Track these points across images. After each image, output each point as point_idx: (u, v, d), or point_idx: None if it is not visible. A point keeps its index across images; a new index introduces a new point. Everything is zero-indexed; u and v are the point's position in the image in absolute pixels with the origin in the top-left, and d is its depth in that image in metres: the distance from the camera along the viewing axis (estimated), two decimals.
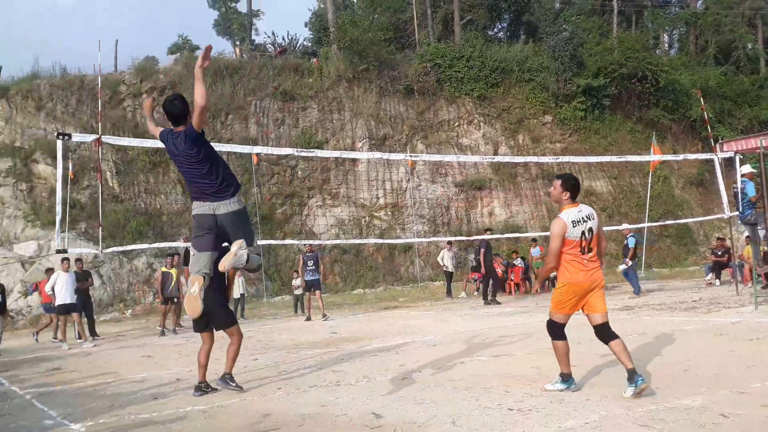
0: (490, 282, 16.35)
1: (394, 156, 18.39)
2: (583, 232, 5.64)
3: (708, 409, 4.75)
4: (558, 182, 5.83)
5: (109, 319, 19.12)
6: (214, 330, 6.95)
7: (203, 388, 6.79)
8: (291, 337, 11.60)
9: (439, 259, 20.88)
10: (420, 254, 25.00)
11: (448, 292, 19.47)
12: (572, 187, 5.80)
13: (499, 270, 20.47)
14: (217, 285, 6.65)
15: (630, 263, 15.85)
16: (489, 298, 16.17)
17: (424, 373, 7.14)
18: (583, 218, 5.68)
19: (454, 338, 10.01)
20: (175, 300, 14.97)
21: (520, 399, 5.56)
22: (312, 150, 15.01)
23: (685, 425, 4.42)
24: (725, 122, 31.11)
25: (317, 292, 15.52)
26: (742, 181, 12.09)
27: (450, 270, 19.90)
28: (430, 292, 21.39)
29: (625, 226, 17.78)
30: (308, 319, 15.33)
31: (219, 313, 6.81)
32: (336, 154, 19.14)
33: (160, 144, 10.27)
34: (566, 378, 5.77)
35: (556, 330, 5.87)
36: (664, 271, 23.86)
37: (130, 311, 20.01)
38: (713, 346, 7.58)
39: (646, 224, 21.32)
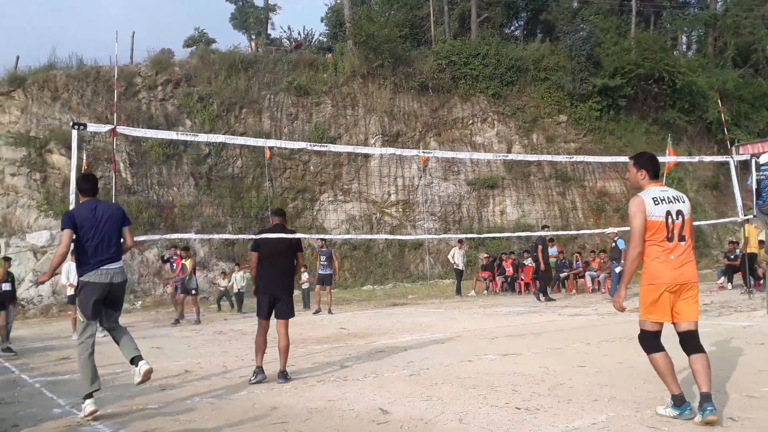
0: (544, 279, 16.67)
1: (406, 152, 18.30)
2: (668, 212, 4.66)
3: (717, 413, 4.70)
4: (630, 163, 5.00)
5: None
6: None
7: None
8: (299, 332, 11.60)
9: (449, 256, 20.84)
10: (430, 252, 24.97)
11: (458, 291, 19.43)
12: (648, 163, 4.91)
13: (509, 269, 20.46)
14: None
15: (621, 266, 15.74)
16: (547, 295, 16.41)
17: (431, 371, 7.13)
18: (669, 198, 4.72)
19: (463, 336, 10.00)
20: (193, 291, 15.28)
21: (527, 398, 5.54)
22: (325, 144, 14.96)
23: (692, 428, 4.38)
24: (742, 125, 30.81)
25: (328, 287, 15.68)
26: (763, 170, 11.87)
27: (460, 268, 19.87)
28: (440, 290, 21.36)
29: (610, 230, 17.69)
30: (317, 312, 15.40)
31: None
32: (349, 149, 19.05)
33: (174, 135, 10.25)
34: (679, 402, 4.66)
35: (645, 341, 4.80)
36: None
37: (140, 302, 20.11)
38: (723, 349, 7.51)
39: None
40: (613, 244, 16.62)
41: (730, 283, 17.28)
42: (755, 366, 6.38)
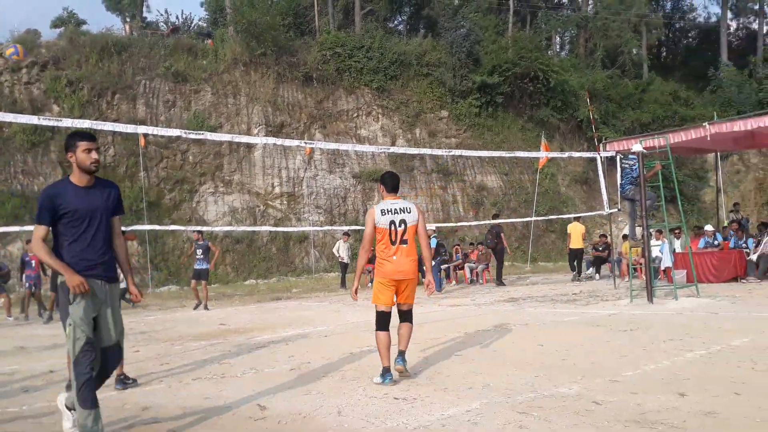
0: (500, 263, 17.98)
1: (289, 142, 18.04)
2: (392, 221, 5.82)
3: (583, 397, 4.95)
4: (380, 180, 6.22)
5: None
6: None
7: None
8: (176, 329, 11.19)
9: (335, 249, 20.82)
10: (315, 245, 24.85)
11: (343, 283, 19.46)
12: (385, 180, 6.08)
13: None
14: None
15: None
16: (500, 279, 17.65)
17: (313, 364, 7.07)
18: (395, 209, 5.86)
19: (346, 329, 10.01)
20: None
21: (406, 388, 5.59)
22: (202, 132, 14.32)
23: (561, 412, 4.57)
24: (609, 124, 32.75)
25: (203, 282, 15.01)
26: (631, 158, 12.54)
27: (345, 261, 19.91)
28: (325, 284, 21.31)
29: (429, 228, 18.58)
30: (196, 307, 14.90)
31: None
32: (228, 137, 18.43)
33: (38, 121, 9.54)
34: (384, 372, 5.81)
35: (378, 321, 5.98)
36: (549, 264, 24.90)
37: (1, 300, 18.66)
38: (590, 336, 7.94)
39: (533, 218, 22.13)
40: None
41: (597, 274, 18.36)
42: (619, 352, 6.77)
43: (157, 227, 17.76)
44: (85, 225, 4.32)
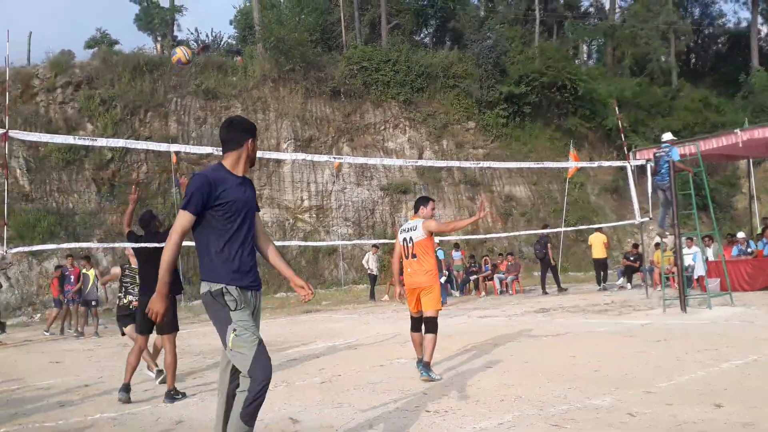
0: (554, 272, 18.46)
1: (318, 157, 18.21)
2: (404, 239, 6.85)
3: (617, 409, 4.90)
4: None
5: (17, 323, 18.16)
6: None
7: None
8: (208, 342, 11.31)
9: (364, 261, 20.88)
10: (344, 257, 24.93)
11: (372, 296, 19.50)
12: (415, 203, 7.16)
13: None
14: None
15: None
16: (560, 287, 18.08)
17: (343, 377, 7.10)
18: (406, 228, 6.92)
19: (376, 341, 10.02)
20: (94, 303, 14.82)
21: (437, 401, 5.59)
22: None
23: (595, 424, 4.54)
24: (639, 131, 32.42)
25: None
26: (664, 146, 12.32)
27: (374, 273, 19.95)
28: (354, 296, 21.36)
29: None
30: None
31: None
32: (258, 154, 18.61)
33: (71, 140, 9.78)
34: (418, 362, 6.70)
35: (411, 324, 6.97)
36: (579, 274, 24.64)
37: (39, 315, 19.07)
38: (623, 347, 7.85)
39: (562, 229, 21.96)
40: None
41: (629, 284, 18.15)
42: (652, 362, 6.68)
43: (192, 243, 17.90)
44: (240, 220, 3.74)
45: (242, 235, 3.75)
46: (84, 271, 15.09)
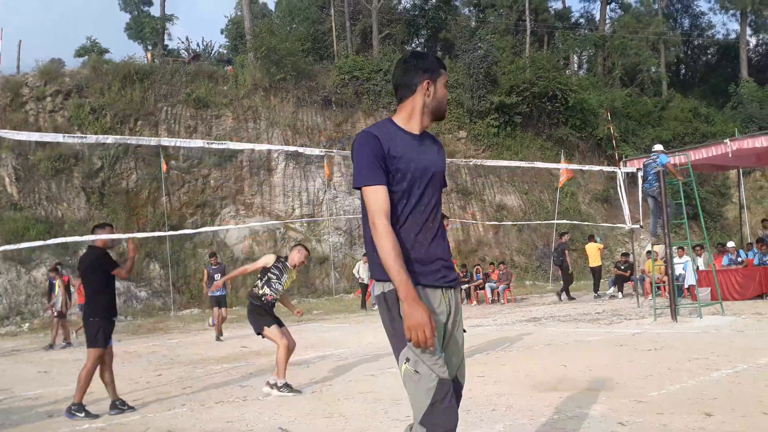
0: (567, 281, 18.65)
1: (310, 151, 18.12)
2: None
3: (608, 418, 4.89)
4: None
5: (5, 333, 17.99)
6: None
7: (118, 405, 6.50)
8: (198, 352, 11.24)
9: (355, 271, 20.82)
10: (336, 266, 24.87)
11: (363, 305, 19.44)
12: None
13: None
14: None
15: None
16: (569, 294, 18.21)
17: (334, 387, 7.06)
18: None
19: (367, 351, 9.98)
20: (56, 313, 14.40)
21: None
22: (224, 142, 14.14)
23: None
24: (629, 141, 32.61)
25: (224, 309, 14.07)
26: (654, 154, 12.61)
27: (365, 282, 19.87)
28: (345, 305, 21.29)
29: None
30: (219, 338, 13.58)
31: None
32: (248, 146, 18.12)
33: (62, 147, 9.64)
34: None
35: None
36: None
37: (27, 325, 18.91)
38: (614, 356, 7.84)
39: (553, 238, 22.01)
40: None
41: (620, 293, 18.18)
42: (643, 371, 6.68)
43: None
44: (419, 193, 2.73)
45: (424, 214, 2.73)
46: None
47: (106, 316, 6.56)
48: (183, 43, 42.20)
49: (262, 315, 7.19)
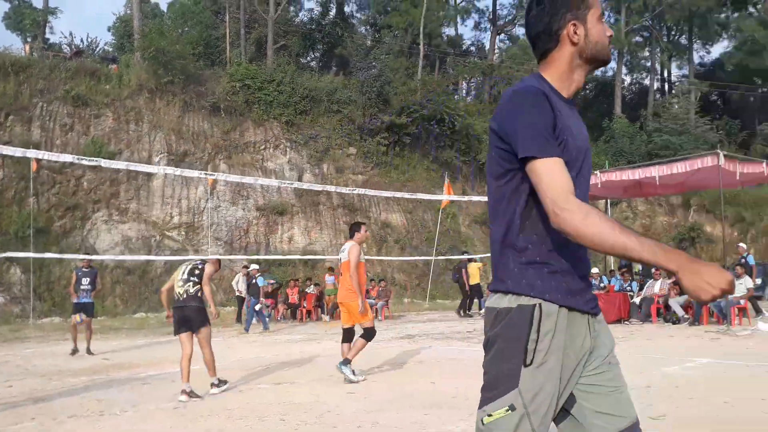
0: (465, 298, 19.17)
1: (189, 172, 17.59)
2: (340, 259, 8.30)
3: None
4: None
5: None
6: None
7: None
8: (55, 363, 10.54)
9: (233, 283, 20.27)
10: (213, 278, 24.13)
11: (239, 318, 18.94)
12: (349, 228, 8.60)
13: (293, 297, 20.49)
14: None
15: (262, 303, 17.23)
16: (466, 312, 18.78)
17: (198, 403, 6.82)
18: (342, 249, 8.30)
19: (238, 366, 9.72)
20: None
21: (294, 427, 5.47)
22: (96, 159, 13.35)
23: None
24: None
25: (89, 319, 12.42)
26: None
27: (243, 295, 19.37)
28: (220, 318, 20.66)
29: (253, 266, 18.72)
30: (74, 352, 11.92)
31: None
32: (122, 165, 17.32)
33: None
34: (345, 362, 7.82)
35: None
36: (447, 302, 25.27)
37: None
38: (482, 373, 8.03)
39: (433, 257, 22.49)
40: (253, 280, 17.69)
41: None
42: None
43: (46, 255, 16.77)
44: (575, 173, 2.00)
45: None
46: None
47: None
48: (66, 38, 40.08)
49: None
